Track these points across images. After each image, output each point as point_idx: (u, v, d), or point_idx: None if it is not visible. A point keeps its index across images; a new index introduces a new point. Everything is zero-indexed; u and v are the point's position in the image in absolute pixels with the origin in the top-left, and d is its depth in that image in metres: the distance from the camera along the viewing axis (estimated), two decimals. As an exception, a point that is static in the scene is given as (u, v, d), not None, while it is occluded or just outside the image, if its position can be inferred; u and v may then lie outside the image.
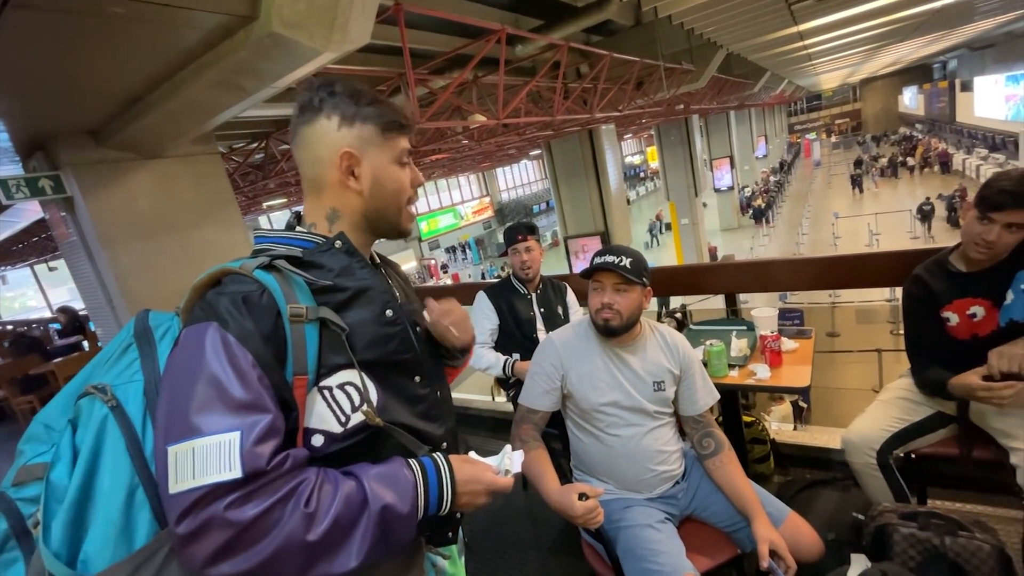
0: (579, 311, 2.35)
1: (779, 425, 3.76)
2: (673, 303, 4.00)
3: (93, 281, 3.10)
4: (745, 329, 2.08)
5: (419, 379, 0.83)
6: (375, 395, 0.74)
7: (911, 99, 35.38)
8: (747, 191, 23.79)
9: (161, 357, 0.71)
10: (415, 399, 0.82)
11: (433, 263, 22.03)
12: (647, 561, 1.20)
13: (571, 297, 2.36)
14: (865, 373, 5.27)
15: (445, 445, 0.85)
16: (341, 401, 0.71)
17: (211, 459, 0.57)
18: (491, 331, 2.21)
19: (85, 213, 2.88)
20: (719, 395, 1.49)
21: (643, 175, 39.01)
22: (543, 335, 2.15)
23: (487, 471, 0.78)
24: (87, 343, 6.17)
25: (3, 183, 2.69)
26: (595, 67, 6.03)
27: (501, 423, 3.16)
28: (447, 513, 0.73)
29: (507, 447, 0.84)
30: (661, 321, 2.70)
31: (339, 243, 0.78)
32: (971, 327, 1.48)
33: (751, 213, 21.11)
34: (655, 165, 28.36)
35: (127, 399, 0.67)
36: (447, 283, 18.67)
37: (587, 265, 1.37)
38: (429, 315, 0.90)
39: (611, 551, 1.29)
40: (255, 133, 6.54)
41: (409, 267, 20.35)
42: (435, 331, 0.90)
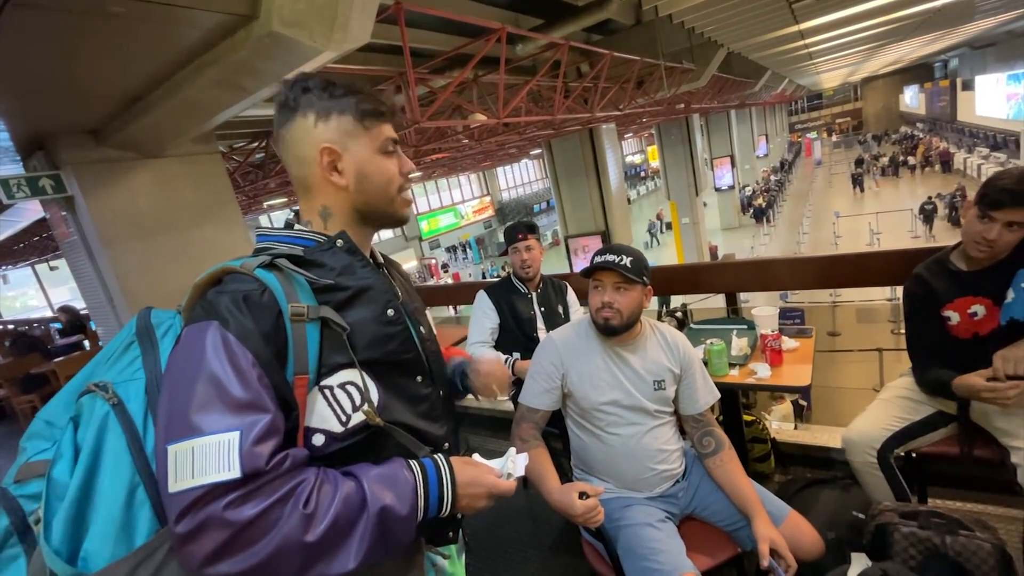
0: (579, 310, 2.35)
1: (779, 424, 3.77)
2: (674, 302, 4.00)
3: (94, 280, 3.11)
4: (746, 328, 2.08)
5: (421, 379, 0.82)
6: (376, 395, 0.74)
7: (912, 98, 35.35)
8: (748, 190, 23.77)
9: (162, 355, 0.71)
10: (417, 399, 0.81)
11: (433, 262, 22.03)
12: (647, 560, 1.20)
13: (571, 296, 2.36)
14: (866, 372, 5.26)
15: (447, 445, 0.85)
16: (342, 400, 0.71)
17: (210, 459, 0.57)
18: (491, 330, 2.21)
19: (86, 212, 2.88)
20: (719, 394, 1.49)
21: (644, 174, 38.97)
22: (543, 334, 2.15)
23: (488, 474, 0.78)
24: (88, 342, 6.16)
25: (4, 182, 2.70)
26: (596, 66, 6.03)
27: (502, 422, 3.16)
28: (447, 515, 0.73)
29: (511, 450, 0.83)
30: (661, 320, 2.69)
31: (340, 242, 0.77)
32: (972, 326, 1.48)
33: (752, 212, 21.09)
34: (656, 164, 28.30)
35: (128, 397, 0.67)
36: (447, 282, 18.68)
37: (587, 264, 1.37)
38: (478, 374, 1.00)
39: (611, 550, 1.29)
40: (255, 132, 6.54)
41: (409, 266, 20.35)
42: (477, 382, 1.01)
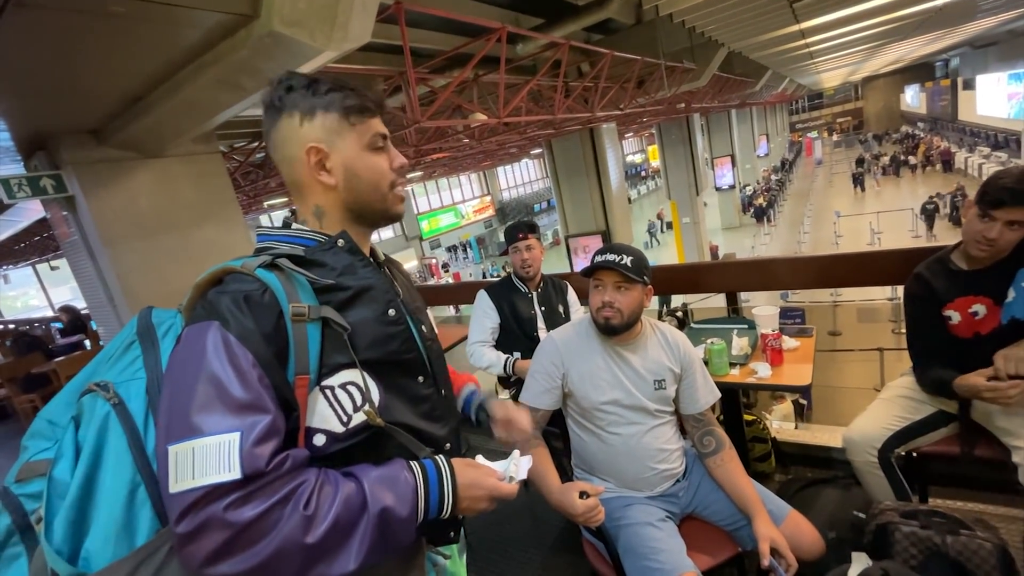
0: (580, 310, 2.35)
1: (780, 424, 3.76)
2: (674, 302, 4.00)
3: (95, 280, 3.11)
4: (746, 328, 2.07)
5: (423, 379, 0.82)
6: (377, 395, 0.74)
7: (913, 97, 35.30)
8: (748, 190, 23.75)
9: (163, 355, 0.71)
10: (418, 399, 0.81)
11: (434, 262, 22.03)
12: (648, 559, 1.20)
13: (572, 296, 2.36)
14: (867, 372, 5.25)
15: (448, 445, 0.85)
16: (343, 401, 0.71)
17: (211, 459, 0.57)
18: (492, 330, 2.21)
19: (86, 212, 2.89)
20: (720, 393, 1.49)
21: (644, 174, 38.95)
22: (544, 334, 2.15)
23: (490, 477, 0.77)
24: (89, 342, 6.18)
25: (5, 182, 2.70)
26: (596, 66, 6.02)
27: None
28: (448, 516, 0.73)
29: (515, 452, 0.83)
30: (662, 320, 2.69)
31: (342, 241, 0.77)
32: (973, 325, 1.48)
33: (752, 212, 21.07)
34: (656, 164, 28.29)
35: (129, 396, 0.67)
36: (448, 282, 18.69)
37: (588, 263, 1.37)
38: (496, 424, 1.00)
39: (612, 549, 1.29)
40: (256, 132, 6.54)
41: (410, 266, 20.34)
42: (497, 433, 1.00)
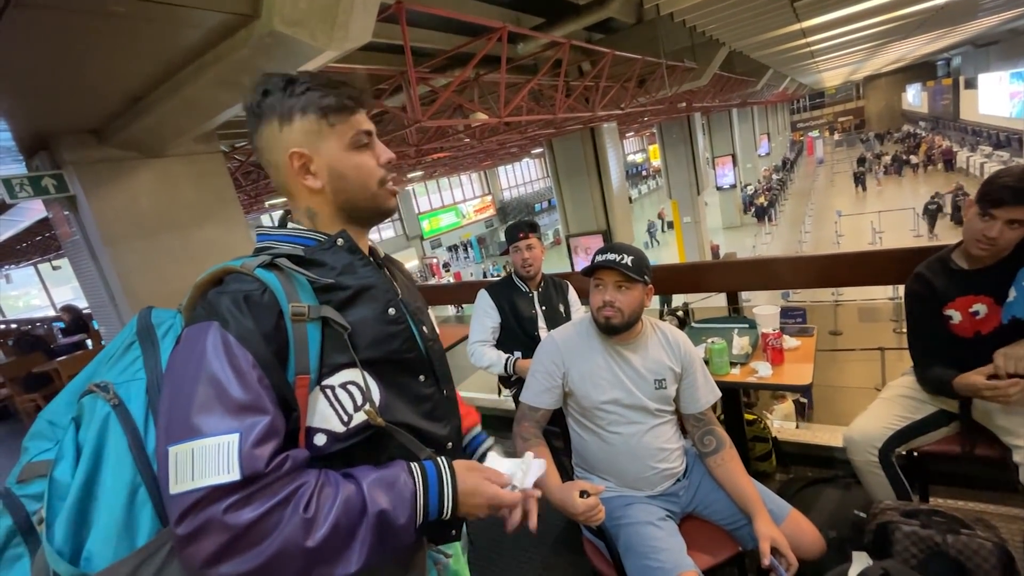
0: (581, 309, 2.35)
1: (781, 423, 3.76)
2: (675, 301, 4.01)
3: (96, 280, 3.12)
4: (747, 327, 2.07)
5: (424, 378, 0.82)
6: (377, 394, 0.74)
7: (914, 96, 35.24)
8: (749, 189, 23.73)
9: (163, 355, 0.71)
10: (420, 398, 0.81)
11: (435, 262, 22.04)
12: (648, 558, 1.20)
13: (573, 295, 2.36)
14: (868, 371, 5.25)
15: (450, 445, 0.84)
16: (343, 400, 0.71)
17: (210, 461, 0.57)
18: (492, 329, 2.21)
19: (88, 212, 2.89)
20: (720, 393, 1.48)
21: (645, 173, 38.94)
22: (544, 333, 2.15)
23: (491, 484, 0.75)
24: (90, 341, 6.19)
25: (7, 182, 2.70)
26: (597, 65, 6.02)
27: (503, 421, 3.16)
28: (448, 518, 0.72)
29: (528, 454, 0.80)
30: (663, 319, 2.69)
31: (341, 241, 0.77)
32: (974, 325, 1.47)
33: (753, 211, 21.05)
34: (657, 163, 28.27)
35: (129, 397, 0.67)
36: (449, 281, 18.69)
37: (589, 263, 1.38)
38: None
39: (612, 548, 1.30)
40: (257, 132, 6.54)
41: (411, 266, 20.37)
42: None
